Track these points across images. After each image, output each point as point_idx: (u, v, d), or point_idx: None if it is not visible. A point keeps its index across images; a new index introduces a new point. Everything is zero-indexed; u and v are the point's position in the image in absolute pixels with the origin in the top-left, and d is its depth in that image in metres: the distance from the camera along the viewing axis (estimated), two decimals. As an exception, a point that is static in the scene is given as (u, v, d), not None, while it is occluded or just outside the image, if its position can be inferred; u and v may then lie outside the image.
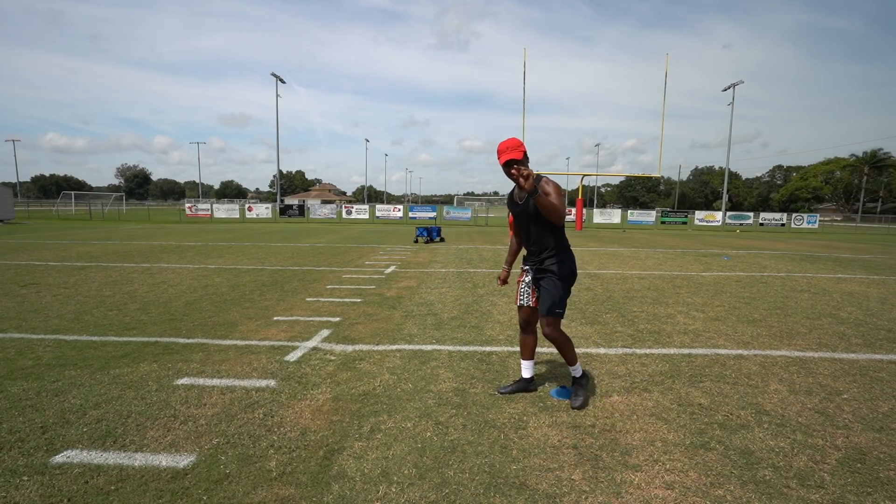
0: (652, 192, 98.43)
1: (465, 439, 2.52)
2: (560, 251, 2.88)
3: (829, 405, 3.02)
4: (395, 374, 3.41)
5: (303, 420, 2.70)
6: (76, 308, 5.20)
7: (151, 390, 3.05)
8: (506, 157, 2.72)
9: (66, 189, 55.92)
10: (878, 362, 3.86)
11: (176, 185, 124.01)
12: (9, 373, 3.30)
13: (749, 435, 2.61)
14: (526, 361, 3.12)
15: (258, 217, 30.76)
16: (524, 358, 3.11)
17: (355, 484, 2.11)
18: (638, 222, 29.87)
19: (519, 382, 3.14)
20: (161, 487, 2.05)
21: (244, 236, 15.94)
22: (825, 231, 31.02)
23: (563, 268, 2.86)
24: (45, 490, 2.02)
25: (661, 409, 2.93)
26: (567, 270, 2.86)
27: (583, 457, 2.36)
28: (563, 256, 2.87)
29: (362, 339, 4.26)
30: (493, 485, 2.13)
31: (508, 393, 3.07)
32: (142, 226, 22.24)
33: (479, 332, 4.53)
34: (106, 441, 2.43)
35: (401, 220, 30.09)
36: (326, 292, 6.29)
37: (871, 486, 2.15)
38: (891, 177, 59.64)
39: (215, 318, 4.88)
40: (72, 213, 35.46)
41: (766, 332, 4.71)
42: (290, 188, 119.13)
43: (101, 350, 3.82)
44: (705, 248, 14.28)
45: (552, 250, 2.87)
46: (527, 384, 3.13)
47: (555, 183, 2.73)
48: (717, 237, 20.81)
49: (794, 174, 79.01)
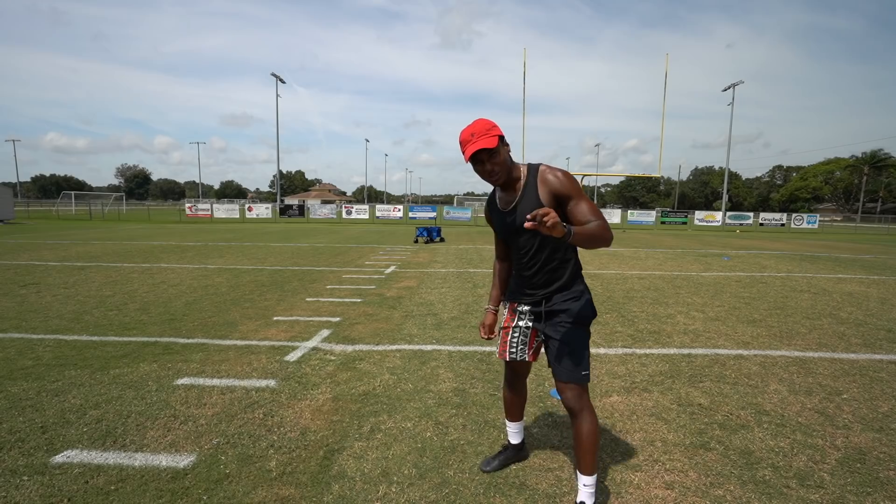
0: (652, 192, 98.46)
1: (465, 439, 2.52)
2: (576, 280, 1.99)
3: (829, 405, 3.02)
4: (395, 374, 3.41)
5: (303, 420, 2.70)
6: (76, 308, 5.20)
7: (151, 390, 3.05)
8: (473, 148, 1.79)
9: (66, 189, 55.91)
10: (878, 362, 3.86)
11: (176, 185, 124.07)
12: (9, 373, 3.30)
13: (749, 435, 2.61)
14: (513, 423, 2.34)
15: (258, 217, 30.75)
16: (510, 419, 2.34)
17: (355, 484, 2.11)
18: (638, 222, 29.87)
19: (506, 452, 2.33)
20: (161, 487, 2.06)
21: (244, 236, 15.94)
22: (825, 231, 31.02)
23: (585, 306, 1.96)
24: (45, 490, 2.02)
25: (661, 409, 2.93)
26: (589, 309, 1.97)
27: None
28: (580, 288, 1.99)
29: (362, 339, 4.26)
30: (493, 485, 2.13)
31: (495, 470, 2.26)
32: (142, 226, 22.24)
33: (479, 332, 4.52)
34: (106, 441, 2.43)
35: (401, 221, 30.09)
36: (326, 292, 6.29)
37: (870, 486, 2.15)
38: (891, 177, 59.66)
39: (215, 318, 4.88)
40: (72, 213, 35.45)
41: (765, 333, 4.71)
42: (290, 188, 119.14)
43: (101, 350, 3.82)
44: (705, 249, 14.28)
45: (565, 280, 1.96)
46: (517, 452, 2.35)
47: (562, 172, 1.86)
48: (717, 237, 20.81)
49: (794, 174, 79.05)
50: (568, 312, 1.94)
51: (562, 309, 1.95)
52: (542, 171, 1.89)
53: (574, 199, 1.84)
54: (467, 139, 1.82)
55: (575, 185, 1.85)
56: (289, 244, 13.21)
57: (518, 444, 2.36)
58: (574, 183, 1.86)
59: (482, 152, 1.81)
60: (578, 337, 1.93)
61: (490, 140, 1.80)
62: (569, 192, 1.84)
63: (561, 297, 1.96)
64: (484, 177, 1.88)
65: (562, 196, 1.84)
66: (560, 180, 1.85)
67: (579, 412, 1.91)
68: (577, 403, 1.92)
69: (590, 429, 1.91)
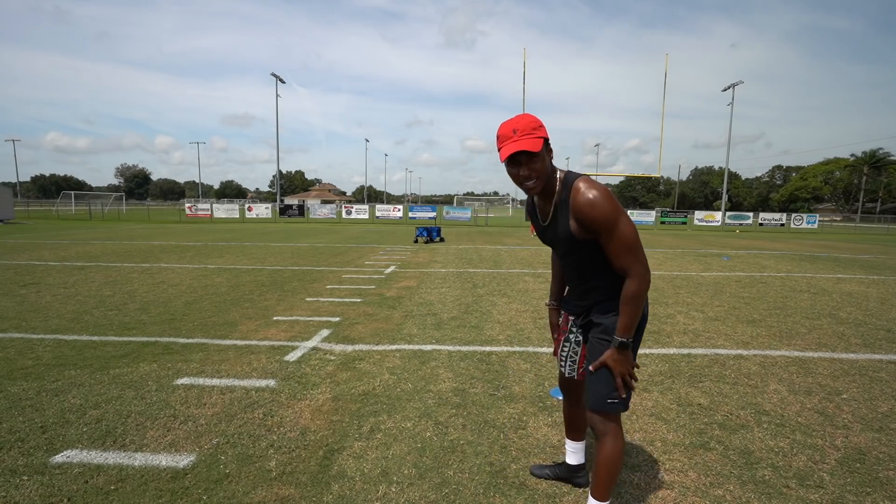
0: (652, 192, 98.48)
1: (465, 439, 2.52)
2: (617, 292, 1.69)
3: (829, 405, 3.02)
4: (395, 374, 3.41)
5: (303, 420, 2.70)
6: (76, 308, 5.20)
7: (151, 390, 3.05)
8: (514, 148, 1.54)
9: (66, 189, 55.90)
10: (878, 362, 3.87)
11: (175, 185, 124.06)
12: (9, 373, 3.30)
13: (748, 435, 2.61)
14: (572, 443, 2.11)
15: (258, 217, 30.74)
16: (569, 436, 2.12)
17: (355, 484, 2.11)
18: (638, 222, 29.86)
19: (559, 467, 2.16)
20: (161, 487, 2.06)
21: (244, 236, 15.93)
22: (825, 231, 31.03)
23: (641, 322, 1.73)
24: (44, 490, 2.02)
25: (661, 408, 2.93)
26: (642, 328, 1.74)
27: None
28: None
29: (362, 339, 4.26)
30: (493, 485, 2.13)
31: (543, 477, 2.16)
32: (141, 226, 22.23)
33: (479, 332, 4.53)
34: (106, 441, 2.43)
35: (400, 220, 30.08)
36: (326, 292, 6.29)
37: (870, 485, 2.16)
38: (890, 177, 59.68)
39: (215, 318, 4.88)
40: (72, 212, 35.45)
41: (765, 332, 4.71)
42: (289, 188, 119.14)
43: (101, 350, 3.81)
44: (705, 248, 14.28)
45: (605, 292, 1.73)
46: (570, 473, 2.12)
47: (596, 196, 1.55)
48: (717, 237, 20.82)
49: (793, 174, 79.08)
50: (602, 328, 1.72)
51: (597, 322, 1.74)
52: (575, 189, 1.58)
53: (604, 235, 1.56)
54: (507, 135, 1.57)
55: (606, 218, 1.54)
56: (289, 244, 13.21)
57: (576, 465, 2.12)
58: (606, 213, 1.53)
59: (522, 154, 1.57)
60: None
61: (534, 142, 1.55)
62: (597, 227, 1.56)
63: (601, 311, 1.73)
64: (517, 182, 1.63)
65: (590, 228, 1.58)
66: (588, 211, 1.55)
67: (602, 435, 1.72)
68: (601, 426, 1.73)
69: (608, 455, 1.71)
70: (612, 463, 1.71)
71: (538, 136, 1.56)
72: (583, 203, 1.56)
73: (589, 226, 1.58)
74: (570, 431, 2.10)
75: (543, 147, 1.58)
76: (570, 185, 1.61)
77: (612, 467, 1.72)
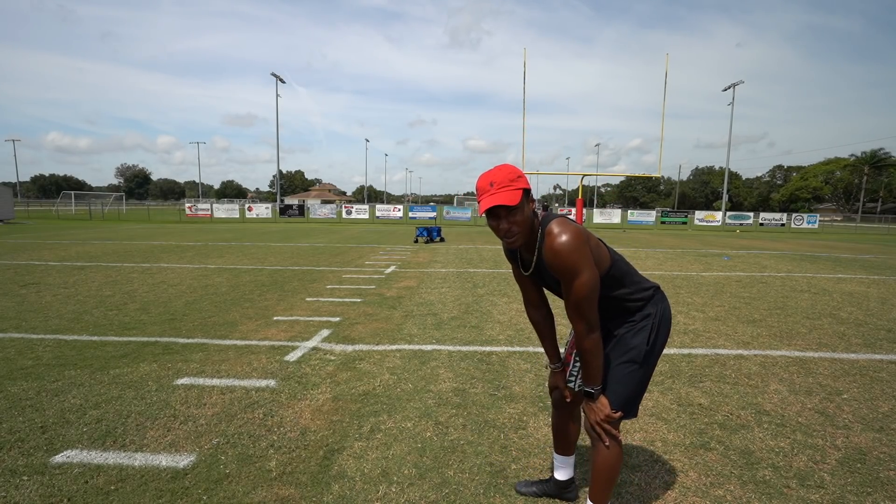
0: (652, 192, 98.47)
1: (465, 439, 2.52)
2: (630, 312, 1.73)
3: (829, 405, 3.02)
4: (395, 374, 3.41)
5: (303, 420, 2.70)
6: (76, 308, 5.20)
7: (151, 390, 3.05)
8: (491, 202, 1.52)
9: (66, 189, 55.90)
10: (878, 362, 3.86)
11: (176, 185, 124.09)
12: (9, 373, 3.30)
13: (749, 435, 2.61)
14: (561, 457, 2.03)
15: (258, 217, 30.75)
16: (558, 451, 2.04)
17: (355, 484, 2.11)
18: (638, 222, 29.87)
19: (546, 484, 2.07)
20: (161, 487, 2.05)
21: (244, 236, 15.93)
22: (825, 231, 31.02)
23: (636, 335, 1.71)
24: (44, 490, 2.02)
25: (661, 409, 2.93)
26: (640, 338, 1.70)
27: (582, 457, 2.36)
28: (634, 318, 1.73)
29: (362, 339, 4.26)
30: (492, 485, 2.13)
31: (530, 494, 2.06)
32: (142, 226, 22.23)
33: (479, 332, 4.52)
34: (106, 441, 2.43)
35: (401, 220, 30.08)
36: (326, 292, 6.29)
37: (870, 486, 2.15)
38: (891, 177, 59.66)
39: (215, 318, 4.88)
40: (72, 212, 35.45)
41: (766, 332, 4.71)
42: (289, 188, 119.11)
43: (101, 350, 3.81)
44: (705, 248, 14.28)
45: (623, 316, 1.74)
46: (559, 489, 2.04)
47: (561, 246, 1.50)
48: (717, 237, 20.81)
49: (794, 174, 79.04)
50: (617, 338, 1.73)
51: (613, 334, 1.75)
52: (547, 232, 1.55)
53: (563, 284, 1.57)
54: (485, 188, 1.54)
55: (566, 269, 1.52)
56: (289, 244, 13.21)
57: (565, 480, 2.04)
58: (567, 265, 1.51)
59: (500, 208, 1.53)
60: (620, 369, 1.69)
61: (512, 195, 1.51)
62: (558, 276, 1.57)
63: (617, 322, 1.75)
64: (498, 234, 1.60)
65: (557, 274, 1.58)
66: (551, 260, 1.55)
67: (597, 439, 1.71)
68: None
69: (604, 460, 1.69)
70: (610, 467, 1.70)
71: (516, 187, 1.53)
72: (547, 250, 1.55)
73: (555, 273, 1.58)
74: (560, 446, 2.03)
75: (523, 198, 1.55)
76: (545, 229, 1.58)
77: (611, 471, 1.70)
